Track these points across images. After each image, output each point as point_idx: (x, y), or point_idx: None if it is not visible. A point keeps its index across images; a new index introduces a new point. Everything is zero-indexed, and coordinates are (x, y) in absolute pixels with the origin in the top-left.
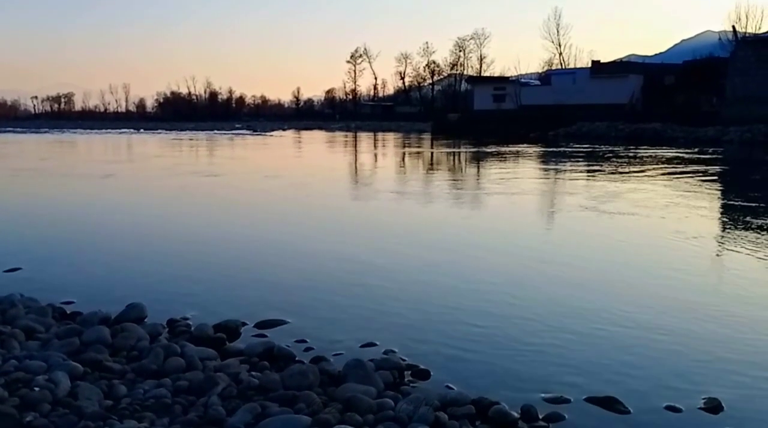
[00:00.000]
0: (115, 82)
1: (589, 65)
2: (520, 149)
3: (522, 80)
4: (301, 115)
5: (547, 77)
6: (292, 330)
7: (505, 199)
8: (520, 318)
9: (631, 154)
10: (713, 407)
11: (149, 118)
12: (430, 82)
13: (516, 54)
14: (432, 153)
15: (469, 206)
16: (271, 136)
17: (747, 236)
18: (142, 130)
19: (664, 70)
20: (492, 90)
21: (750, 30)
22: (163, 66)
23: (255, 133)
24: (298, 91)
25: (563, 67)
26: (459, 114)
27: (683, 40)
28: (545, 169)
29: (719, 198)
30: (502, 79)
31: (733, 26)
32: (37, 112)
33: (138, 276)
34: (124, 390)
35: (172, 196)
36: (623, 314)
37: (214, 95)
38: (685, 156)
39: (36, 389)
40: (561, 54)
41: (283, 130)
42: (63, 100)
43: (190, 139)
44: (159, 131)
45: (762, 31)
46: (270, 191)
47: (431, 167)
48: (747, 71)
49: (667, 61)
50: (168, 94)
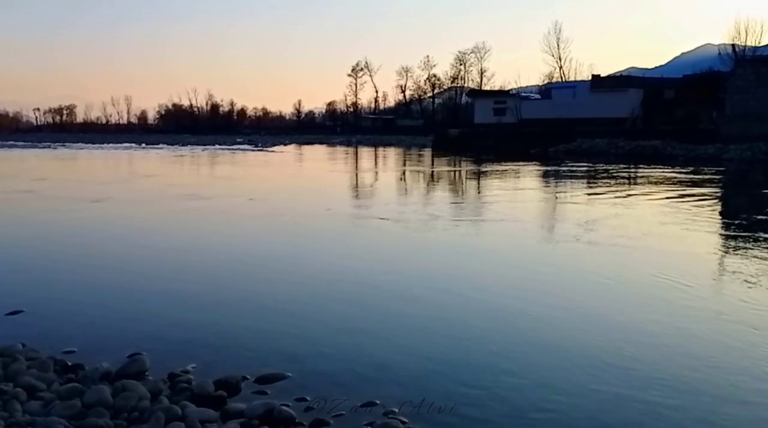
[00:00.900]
0: (117, 93)
1: (589, 78)
2: (520, 167)
3: (522, 94)
4: (303, 128)
5: (547, 91)
6: (293, 387)
7: (501, 229)
8: (533, 379)
9: (630, 174)
10: None
11: (151, 130)
12: (431, 95)
13: (516, 67)
14: (432, 172)
15: (468, 237)
16: (272, 151)
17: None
18: (143, 145)
19: (664, 84)
20: (492, 103)
21: (750, 44)
22: (165, 78)
23: (256, 147)
24: (300, 104)
25: (563, 80)
26: (460, 129)
27: (683, 53)
28: (543, 192)
29: (712, 226)
30: (503, 93)
31: (733, 45)
32: (39, 123)
33: (136, 317)
34: None
35: (169, 225)
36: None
37: (215, 107)
38: (684, 176)
39: None
40: (561, 67)
41: (284, 144)
42: (65, 112)
43: (191, 155)
44: (160, 145)
45: (762, 44)
46: (269, 220)
47: (429, 189)
48: (747, 89)
49: (667, 73)
50: (170, 106)
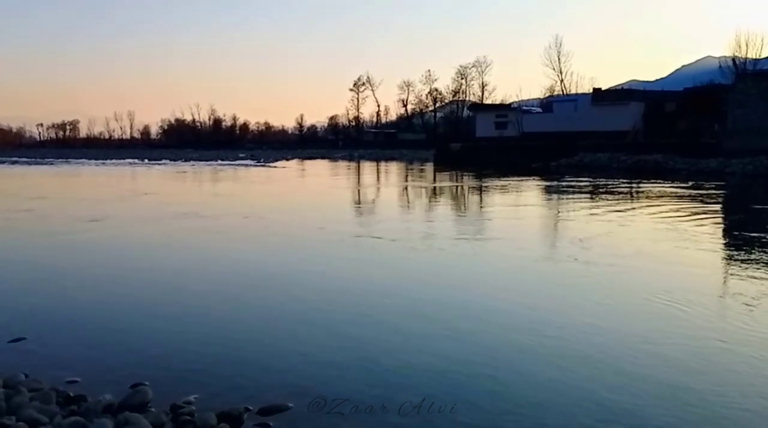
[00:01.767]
0: (120, 109)
1: (591, 92)
2: (521, 182)
3: (524, 107)
4: (305, 142)
5: (548, 104)
6: (295, 420)
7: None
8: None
9: (630, 189)
10: None
11: (153, 145)
12: (433, 108)
13: (517, 80)
14: (432, 188)
15: (463, 257)
16: (275, 166)
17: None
18: (146, 160)
19: (665, 97)
20: (494, 117)
21: (750, 56)
22: (168, 93)
23: (258, 163)
24: (302, 118)
25: (564, 93)
26: (461, 143)
27: (684, 66)
28: (542, 208)
29: (709, 245)
30: (504, 107)
31: (734, 59)
32: (42, 139)
33: (138, 344)
34: None
35: (166, 247)
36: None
37: (218, 122)
38: (685, 192)
39: None
40: (562, 81)
41: (287, 159)
42: (68, 128)
43: (193, 171)
44: (163, 161)
45: (763, 57)
46: (265, 240)
47: (427, 207)
48: (748, 103)
49: (668, 86)
50: (172, 121)
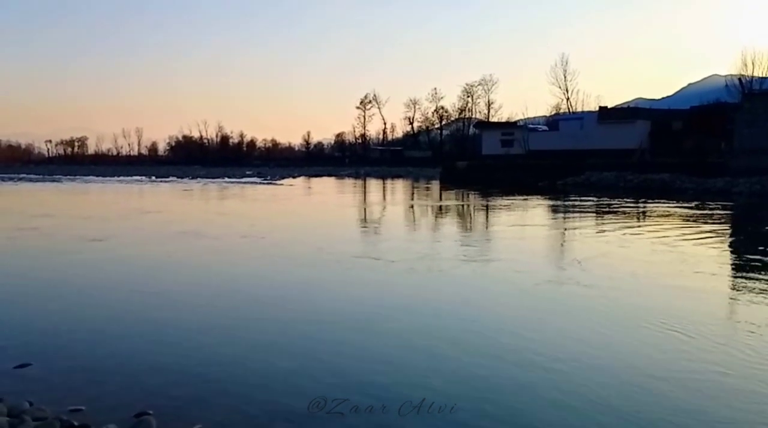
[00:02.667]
0: (128, 125)
1: (597, 110)
2: (527, 201)
3: (530, 125)
4: (311, 159)
5: (554, 122)
6: None
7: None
8: None
9: (635, 209)
10: None
11: (161, 162)
12: (439, 126)
13: (523, 98)
14: (438, 207)
15: (461, 279)
16: (281, 184)
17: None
18: (153, 177)
19: (672, 115)
20: (500, 135)
21: (757, 75)
22: (176, 110)
23: (265, 180)
24: (309, 135)
25: (570, 111)
26: (467, 161)
27: (690, 84)
28: (547, 229)
29: (711, 267)
30: (510, 125)
31: (740, 78)
32: (50, 155)
33: (141, 370)
34: None
35: (168, 269)
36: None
37: (225, 139)
38: (691, 212)
39: None
40: (568, 99)
41: (293, 177)
42: (76, 144)
43: (200, 189)
44: (170, 178)
45: None
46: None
47: (430, 227)
48: (755, 123)
49: (674, 105)
50: (180, 138)
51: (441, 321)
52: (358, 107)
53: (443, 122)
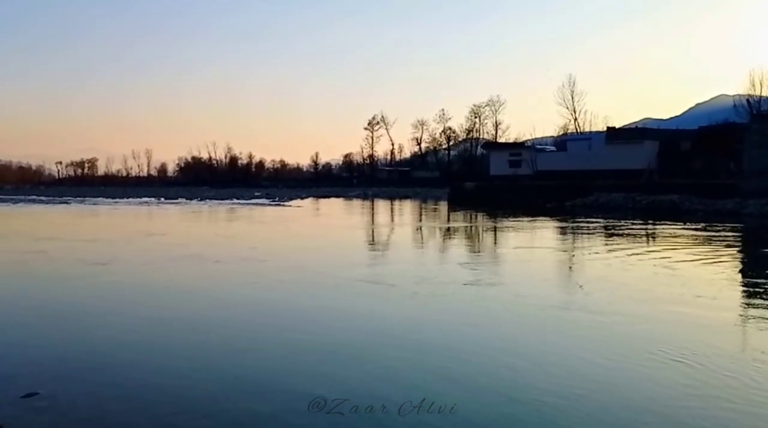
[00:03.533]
0: (138, 147)
1: (605, 130)
2: (535, 223)
3: (537, 146)
4: (319, 179)
5: (562, 143)
6: None
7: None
8: None
9: (643, 231)
10: None
11: (170, 183)
12: (446, 147)
13: (531, 119)
14: (446, 228)
15: (466, 307)
16: (289, 206)
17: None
18: (162, 199)
19: (680, 135)
20: (508, 155)
21: (765, 95)
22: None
23: (273, 201)
24: (317, 156)
25: (578, 131)
26: (475, 182)
27: (698, 104)
28: (553, 251)
29: (716, 292)
30: (518, 145)
31: (748, 99)
32: (60, 176)
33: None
34: None
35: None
36: None
37: (234, 160)
38: (701, 233)
39: None
40: (576, 119)
41: (302, 198)
42: (86, 165)
43: (208, 210)
44: (179, 200)
45: None
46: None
47: (439, 248)
48: (764, 144)
49: (682, 125)
50: (189, 159)
51: (432, 354)
52: (366, 128)
53: (451, 143)
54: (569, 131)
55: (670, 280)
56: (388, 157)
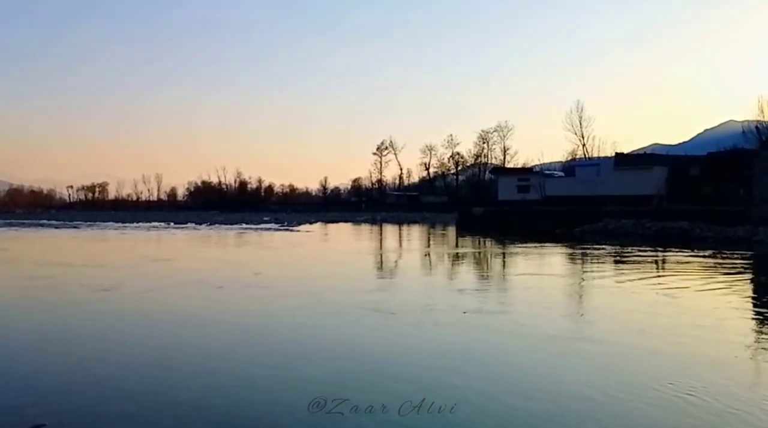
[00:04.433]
0: (148, 171)
1: (613, 155)
2: (544, 249)
3: (546, 171)
4: (328, 203)
5: (571, 168)
6: None
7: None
8: None
9: (654, 258)
10: None
11: (179, 207)
12: (455, 171)
13: (539, 144)
14: (454, 254)
15: (468, 336)
16: (298, 230)
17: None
18: (171, 223)
19: (689, 161)
20: (516, 181)
21: None
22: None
23: (282, 226)
24: (326, 180)
25: (586, 157)
26: (484, 207)
27: (706, 130)
28: (559, 279)
29: (727, 323)
30: (526, 171)
31: (757, 126)
32: (71, 200)
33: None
34: None
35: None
36: None
37: (243, 184)
38: (709, 261)
39: None
40: (584, 145)
41: (310, 223)
42: (97, 190)
43: (217, 235)
44: (188, 224)
45: None
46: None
47: (445, 275)
48: None
49: (690, 150)
50: (199, 183)
51: (427, 389)
52: (374, 153)
53: (459, 168)
54: (577, 157)
55: (672, 309)
56: (397, 181)
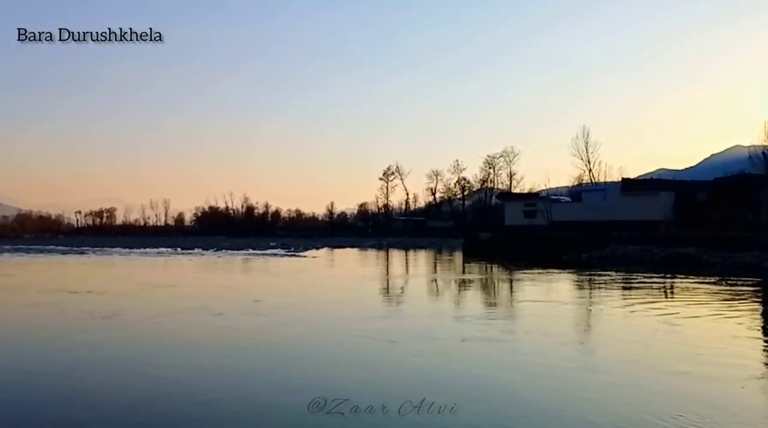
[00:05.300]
0: (156, 196)
1: (619, 180)
2: (551, 276)
3: (552, 196)
4: (334, 228)
5: (577, 193)
6: None
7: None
8: None
9: (661, 284)
10: None
11: (187, 232)
12: (461, 196)
13: (545, 169)
14: (460, 280)
15: (467, 366)
16: (304, 256)
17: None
18: (178, 249)
19: (696, 186)
20: (523, 206)
21: None
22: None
23: (289, 251)
24: (332, 205)
25: (593, 182)
26: (490, 233)
27: (713, 155)
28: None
29: (729, 355)
30: (533, 196)
31: (764, 151)
32: (79, 225)
33: None
34: None
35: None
36: None
37: (250, 209)
38: (715, 287)
39: None
40: (591, 170)
41: (317, 248)
42: (105, 215)
43: (224, 261)
44: (195, 250)
45: None
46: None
47: (448, 302)
48: None
49: (697, 175)
50: (206, 209)
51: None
52: (381, 178)
53: (465, 193)
54: (584, 182)
55: (671, 337)
56: (403, 206)
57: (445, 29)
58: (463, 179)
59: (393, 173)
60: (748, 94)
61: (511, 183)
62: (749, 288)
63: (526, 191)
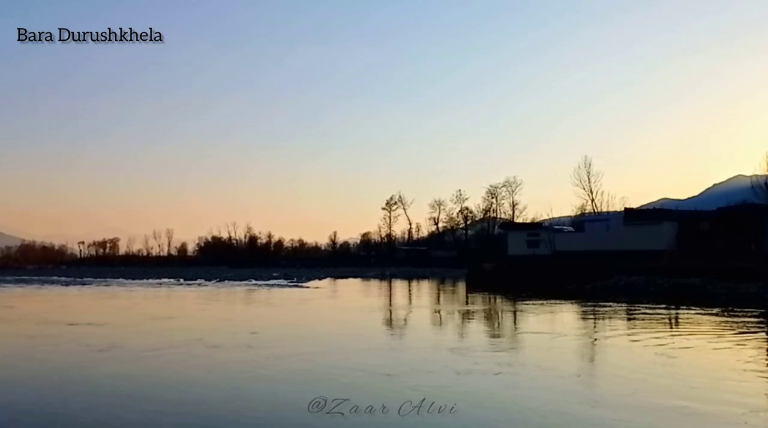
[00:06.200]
0: (159, 227)
1: (622, 210)
2: (554, 307)
3: (555, 226)
4: (337, 258)
5: (580, 223)
6: None
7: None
8: None
9: (665, 316)
10: None
11: (190, 263)
12: (464, 226)
13: (548, 199)
14: (465, 312)
15: (462, 402)
16: (307, 287)
17: None
18: (181, 280)
19: (699, 216)
20: (526, 236)
21: None
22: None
23: (291, 282)
24: (335, 235)
25: (595, 212)
26: (494, 263)
27: (715, 184)
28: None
29: (731, 392)
30: (536, 225)
31: (766, 181)
32: (82, 256)
33: None
34: None
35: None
36: None
37: (253, 240)
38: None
39: None
40: (593, 200)
41: (320, 278)
42: (108, 245)
43: (227, 292)
44: (198, 281)
45: None
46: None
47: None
48: None
49: (700, 205)
50: (209, 239)
51: None
52: (383, 208)
53: (468, 222)
54: (586, 212)
55: (668, 370)
56: (406, 235)
57: (449, 60)
58: (466, 209)
59: (396, 203)
60: (751, 125)
61: (513, 212)
62: (754, 319)
63: (528, 221)
